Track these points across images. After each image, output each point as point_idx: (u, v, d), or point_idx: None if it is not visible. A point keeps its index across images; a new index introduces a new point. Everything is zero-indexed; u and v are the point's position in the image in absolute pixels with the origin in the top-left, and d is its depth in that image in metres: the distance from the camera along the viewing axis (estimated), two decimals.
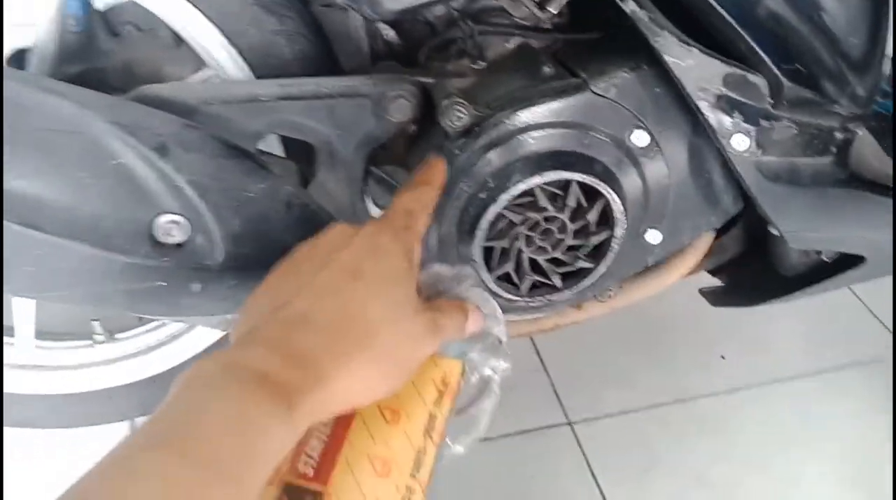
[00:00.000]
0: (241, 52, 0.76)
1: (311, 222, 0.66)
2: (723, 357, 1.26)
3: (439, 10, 0.78)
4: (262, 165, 0.65)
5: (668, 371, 1.22)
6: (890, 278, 0.91)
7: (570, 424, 1.14)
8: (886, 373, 1.25)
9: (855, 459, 1.11)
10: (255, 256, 0.64)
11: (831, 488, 1.07)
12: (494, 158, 0.71)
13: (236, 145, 0.63)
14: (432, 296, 0.55)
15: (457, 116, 0.69)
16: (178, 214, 0.61)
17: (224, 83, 0.73)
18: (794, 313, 1.03)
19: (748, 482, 1.07)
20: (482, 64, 0.76)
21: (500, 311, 0.56)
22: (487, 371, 0.54)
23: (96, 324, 1.02)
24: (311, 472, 0.45)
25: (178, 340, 1.01)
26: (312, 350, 0.43)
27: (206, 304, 0.65)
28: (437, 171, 0.63)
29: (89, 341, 1.02)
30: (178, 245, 0.62)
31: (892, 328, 1.34)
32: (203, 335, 0.99)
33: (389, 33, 0.82)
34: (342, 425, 0.47)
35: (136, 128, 0.58)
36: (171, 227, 0.61)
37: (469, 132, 0.71)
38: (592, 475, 1.07)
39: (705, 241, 0.87)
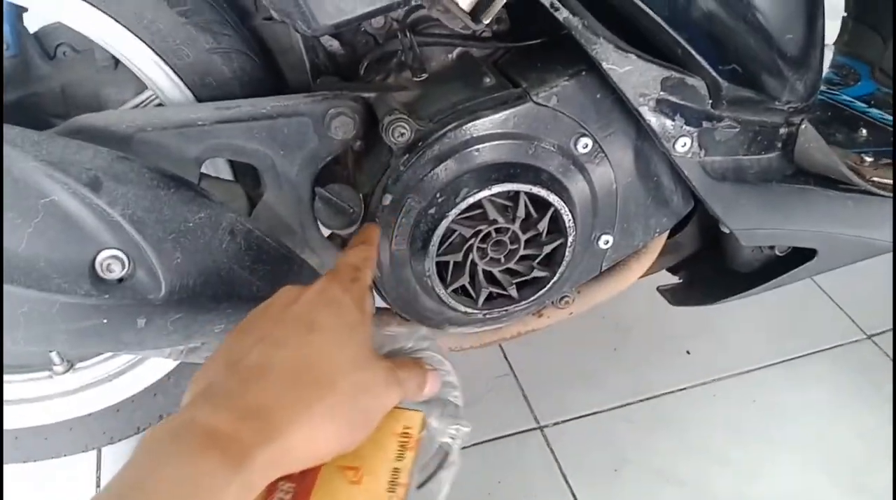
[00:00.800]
0: (177, 73, 0.75)
1: (255, 249, 0.65)
2: (688, 352, 1.26)
3: (378, 22, 0.77)
4: (202, 193, 0.64)
5: (634, 370, 1.23)
6: (849, 267, 0.92)
7: (540, 428, 1.14)
8: (848, 360, 1.27)
9: (821, 446, 1.12)
10: (199, 287, 0.62)
11: (799, 476, 1.08)
12: (441, 172, 0.71)
13: (173, 174, 0.62)
14: (389, 355, 0.55)
15: (399, 133, 0.68)
16: (117, 250, 0.60)
17: (160, 109, 0.72)
18: (757, 304, 1.04)
19: (716, 476, 1.08)
20: (424, 76, 0.76)
21: (455, 375, 0.55)
22: (447, 439, 0.52)
23: (54, 355, 1.00)
24: None
25: (139, 367, 1.00)
26: (267, 402, 0.42)
27: (151, 338, 0.63)
28: (372, 232, 0.66)
29: (48, 373, 1.00)
30: (119, 281, 0.61)
31: (851, 315, 1.36)
32: (163, 362, 0.97)
33: (333, 45, 0.81)
34: (304, 490, 0.45)
35: (65, 163, 0.57)
36: (110, 263, 0.60)
37: (413, 148, 0.70)
38: (564, 477, 1.07)
39: (659, 241, 0.88)
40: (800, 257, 0.88)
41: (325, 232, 0.77)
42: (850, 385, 1.22)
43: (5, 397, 0.98)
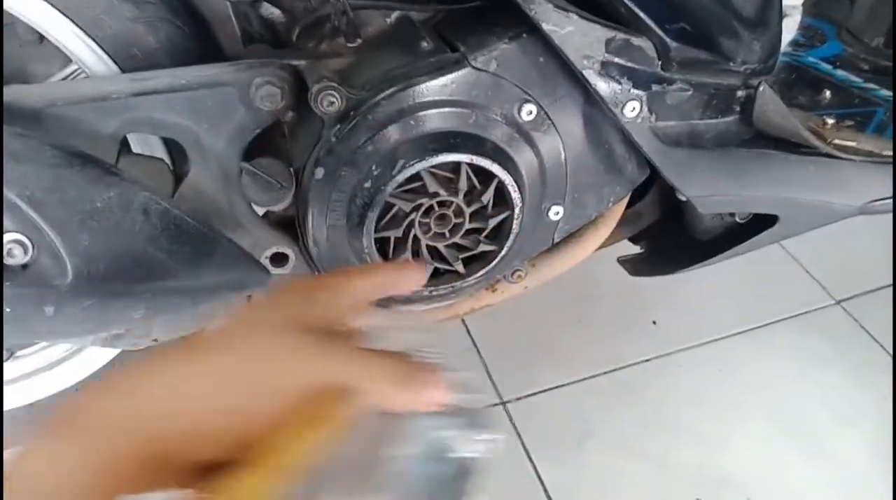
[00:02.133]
0: (100, 45, 0.70)
1: (174, 230, 0.61)
2: (654, 323, 1.24)
3: None
4: (112, 171, 0.59)
5: (600, 342, 1.20)
6: (818, 231, 0.89)
7: (503, 403, 1.11)
8: (816, 326, 1.25)
9: (785, 413, 1.11)
10: (111, 271, 0.58)
11: (763, 445, 1.07)
12: (375, 143, 0.66)
13: (78, 152, 0.58)
14: None
15: (329, 101, 0.64)
16: (18, 234, 0.56)
17: (72, 82, 0.67)
18: (725, 271, 1.01)
19: (680, 448, 1.06)
20: (358, 41, 0.71)
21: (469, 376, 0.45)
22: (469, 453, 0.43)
23: None
24: None
25: (81, 354, 0.95)
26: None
27: (63, 326, 0.59)
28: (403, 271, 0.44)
29: None
30: (24, 267, 0.57)
31: (820, 281, 1.34)
32: (105, 350, 0.93)
33: (274, 12, 0.76)
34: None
35: None
36: (11, 247, 0.56)
37: (345, 117, 0.66)
38: (526, 453, 1.05)
39: (617, 211, 0.84)
40: (762, 223, 0.85)
41: (261, 210, 0.73)
42: (817, 352, 1.20)
43: None
